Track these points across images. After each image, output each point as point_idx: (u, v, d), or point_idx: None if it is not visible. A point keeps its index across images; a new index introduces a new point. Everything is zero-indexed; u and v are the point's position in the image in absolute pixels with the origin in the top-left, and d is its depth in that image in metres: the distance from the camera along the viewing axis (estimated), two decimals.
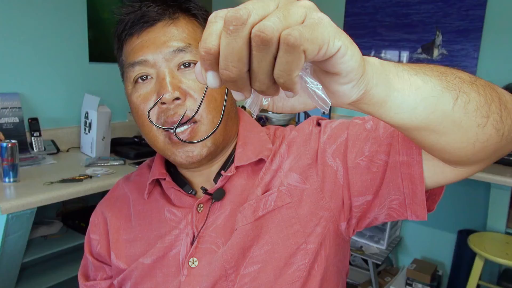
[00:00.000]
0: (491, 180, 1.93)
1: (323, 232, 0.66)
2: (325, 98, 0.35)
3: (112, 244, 0.75)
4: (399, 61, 2.66)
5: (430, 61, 2.55)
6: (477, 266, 1.99)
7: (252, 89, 0.34)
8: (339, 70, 0.35)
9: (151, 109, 0.65)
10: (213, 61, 0.32)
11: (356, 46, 0.35)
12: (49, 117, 2.05)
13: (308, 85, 0.35)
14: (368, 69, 0.38)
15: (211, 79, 0.33)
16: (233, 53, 0.30)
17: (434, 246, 2.68)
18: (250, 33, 0.30)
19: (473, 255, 2.03)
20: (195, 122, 0.65)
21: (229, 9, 0.32)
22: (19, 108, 1.89)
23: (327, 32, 0.32)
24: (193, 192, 0.73)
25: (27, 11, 1.90)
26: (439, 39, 2.51)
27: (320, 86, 0.35)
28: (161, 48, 0.64)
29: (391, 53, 2.68)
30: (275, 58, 0.31)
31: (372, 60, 0.39)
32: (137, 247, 0.72)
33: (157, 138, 0.67)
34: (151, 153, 2.24)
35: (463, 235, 2.38)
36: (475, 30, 2.37)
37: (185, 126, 0.65)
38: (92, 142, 1.96)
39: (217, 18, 0.32)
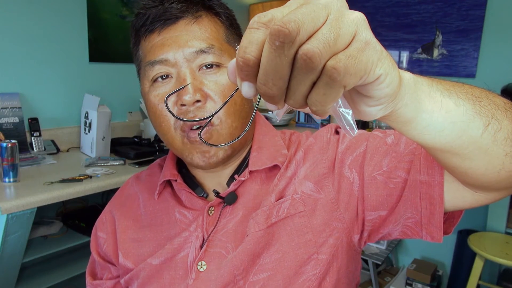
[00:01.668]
0: None
1: (335, 244, 0.65)
2: (353, 124, 0.33)
3: (119, 243, 0.74)
4: (399, 61, 2.66)
5: (430, 61, 2.55)
6: (477, 266, 1.99)
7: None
8: (372, 95, 0.33)
9: (169, 95, 0.63)
10: (251, 73, 0.30)
11: (396, 68, 0.34)
12: (49, 117, 2.05)
13: (339, 108, 0.33)
14: (401, 90, 0.35)
15: (247, 89, 0.31)
16: (275, 71, 0.28)
17: (434, 246, 2.68)
18: (296, 50, 0.28)
19: (473, 255, 2.03)
20: (212, 124, 0.64)
21: (273, 13, 0.30)
22: (19, 108, 1.89)
23: (371, 60, 0.30)
24: (205, 195, 0.72)
25: (27, 11, 1.90)
26: (439, 39, 2.51)
27: (350, 112, 0.33)
28: (183, 47, 0.62)
29: (391, 53, 2.68)
30: (313, 82, 0.29)
31: (406, 77, 0.37)
32: (146, 247, 0.72)
33: (175, 139, 0.66)
34: (151, 153, 2.22)
35: (463, 235, 2.38)
36: (475, 30, 2.38)
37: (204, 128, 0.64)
38: (92, 142, 1.96)
39: (260, 25, 0.29)
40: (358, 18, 0.30)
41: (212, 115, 0.40)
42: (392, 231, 0.64)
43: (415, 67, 2.62)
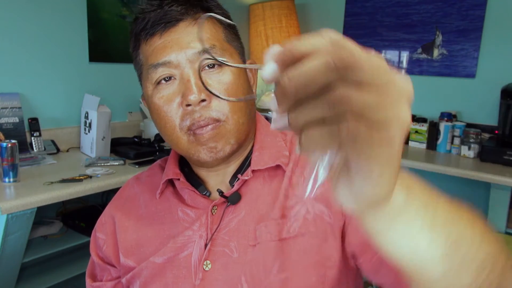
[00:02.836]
0: (491, 180, 1.93)
1: (343, 269, 0.64)
2: (310, 188, 0.31)
3: (120, 243, 0.74)
4: (399, 61, 2.66)
5: (430, 61, 2.55)
6: None
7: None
8: (354, 184, 0.31)
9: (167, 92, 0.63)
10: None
11: (392, 188, 0.31)
12: (49, 117, 2.05)
13: (320, 162, 0.30)
14: (380, 210, 0.33)
15: (270, 71, 0.29)
16: (311, 78, 0.27)
17: None
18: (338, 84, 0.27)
19: None
20: (219, 121, 0.64)
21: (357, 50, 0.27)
22: (19, 108, 1.89)
23: (379, 157, 0.29)
24: (207, 193, 0.72)
25: (27, 11, 1.90)
26: (439, 39, 2.51)
27: (322, 178, 0.31)
28: (185, 49, 0.63)
29: (391, 53, 2.68)
30: (323, 120, 0.27)
31: (398, 201, 0.34)
32: (148, 246, 0.72)
33: (180, 139, 0.66)
34: (151, 153, 2.23)
35: None
36: (475, 30, 2.37)
37: (210, 126, 0.64)
38: (92, 142, 1.96)
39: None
40: (405, 122, 0.28)
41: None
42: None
43: (415, 67, 2.62)
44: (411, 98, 0.29)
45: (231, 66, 0.64)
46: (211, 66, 0.65)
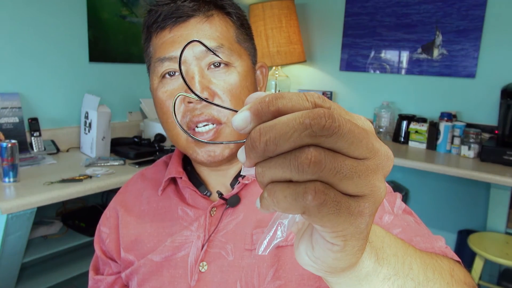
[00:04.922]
0: (491, 180, 1.93)
1: None
2: (265, 244, 0.29)
3: (121, 238, 0.75)
4: (399, 61, 2.66)
5: (430, 61, 2.55)
6: (477, 266, 1.99)
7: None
8: (315, 245, 0.30)
9: (174, 102, 0.63)
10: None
11: (359, 258, 0.29)
12: (49, 117, 2.05)
13: (282, 220, 0.29)
14: (343, 276, 0.31)
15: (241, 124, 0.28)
16: (283, 133, 0.25)
17: None
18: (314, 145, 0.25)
19: (473, 255, 2.03)
20: (220, 123, 0.64)
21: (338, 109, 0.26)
22: (19, 108, 1.89)
23: (348, 229, 0.26)
24: (208, 193, 0.72)
25: (27, 11, 1.90)
26: (439, 39, 2.51)
27: (280, 237, 0.29)
28: (193, 45, 0.63)
29: (391, 53, 2.68)
30: (290, 180, 0.26)
31: (366, 268, 0.33)
32: (147, 242, 0.72)
33: (180, 136, 0.66)
34: (151, 153, 2.23)
35: (463, 235, 2.38)
36: (475, 30, 2.37)
37: (210, 126, 0.64)
38: (92, 142, 1.96)
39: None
40: (379, 197, 0.27)
41: (222, 142, 0.36)
42: None
43: (415, 67, 2.62)
44: (389, 171, 0.27)
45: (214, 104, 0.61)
46: (217, 65, 0.65)
